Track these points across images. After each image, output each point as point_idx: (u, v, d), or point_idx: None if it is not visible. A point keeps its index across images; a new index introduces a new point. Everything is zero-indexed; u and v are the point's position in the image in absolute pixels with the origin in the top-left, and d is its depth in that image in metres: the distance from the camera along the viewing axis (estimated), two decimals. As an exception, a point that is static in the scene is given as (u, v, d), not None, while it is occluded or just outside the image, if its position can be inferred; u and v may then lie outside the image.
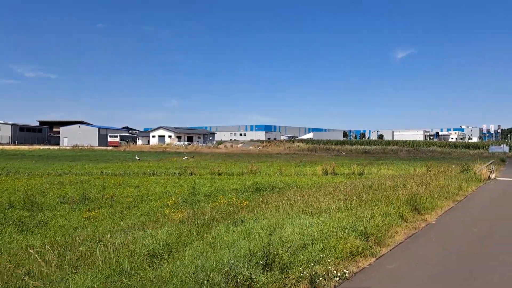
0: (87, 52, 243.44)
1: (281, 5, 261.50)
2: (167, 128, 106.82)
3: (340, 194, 13.65)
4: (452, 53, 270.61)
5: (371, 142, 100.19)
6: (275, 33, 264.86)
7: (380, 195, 13.16)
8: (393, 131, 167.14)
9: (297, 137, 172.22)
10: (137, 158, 49.13)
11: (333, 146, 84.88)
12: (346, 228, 7.28)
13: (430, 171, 28.13)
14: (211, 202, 14.03)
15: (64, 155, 57.28)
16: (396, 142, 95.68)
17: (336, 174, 29.14)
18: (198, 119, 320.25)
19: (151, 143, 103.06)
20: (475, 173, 24.82)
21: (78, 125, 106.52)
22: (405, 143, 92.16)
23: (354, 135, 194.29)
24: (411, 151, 72.17)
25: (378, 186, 16.81)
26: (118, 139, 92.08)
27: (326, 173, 29.11)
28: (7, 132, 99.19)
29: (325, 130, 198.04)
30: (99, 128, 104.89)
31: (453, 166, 30.51)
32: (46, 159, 47.52)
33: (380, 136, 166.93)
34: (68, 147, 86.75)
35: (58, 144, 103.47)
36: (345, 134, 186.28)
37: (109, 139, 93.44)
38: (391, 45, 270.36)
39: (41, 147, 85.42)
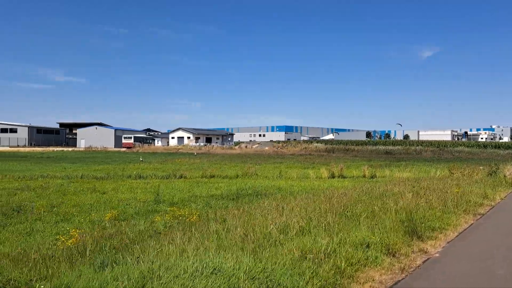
0: (114, 56, 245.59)
1: (302, 3, 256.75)
2: (186, 130, 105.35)
3: (325, 205, 10.57)
4: (480, 51, 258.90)
5: (395, 143, 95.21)
6: (297, 33, 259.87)
7: (376, 207, 10.00)
8: (418, 131, 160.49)
9: (318, 137, 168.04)
10: (141, 159, 47.21)
11: (352, 146, 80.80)
12: (269, 279, 4.26)
13: (452, 173, 24.44)
14: (166, 214, 11.13)
15: (71, 157, 55.81)
16: (421, 143, 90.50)
17: (344, 177, 25.82)
18: (220, 121, 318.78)
19: (170, 144, 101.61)
20: (505, 176, 21.07)
21: (95, 126, 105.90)
22: (430, 143, 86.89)
23: (378, 136, 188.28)
24: (436, 152, 67.49)
25: (381, 194, 13.61)
26: (132, 141, 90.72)
27: (333, 176, 25.84)
28: (24, 134, 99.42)
29: (348, 130, 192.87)
30: (115, 130, 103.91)
31: (481, 167, 26.67)
32: (50, 160, 45.94)
33: (406, 137, 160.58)
34: (82, 149, 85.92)
35: (75, 145, 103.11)
36: (368, 134, 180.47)
37: (123, 141, 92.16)
38: (417, 44, 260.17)
39: (56, 148, 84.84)
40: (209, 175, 24.94)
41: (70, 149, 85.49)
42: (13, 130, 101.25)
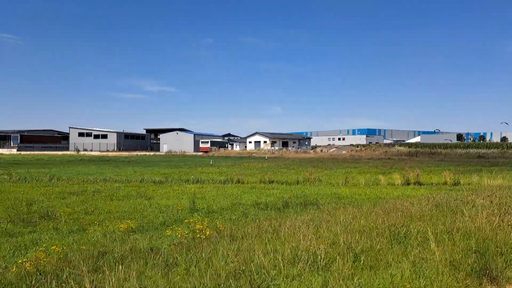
0: (200, 66, 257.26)
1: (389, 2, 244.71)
2: (262, 134, 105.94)
3: (375, 222, 8.42)
4: None
5: (489, 145, 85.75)
6: (383, 31, 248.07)
7: (441, 226, 7.60)
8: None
9: (403, 141, 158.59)
10: (211, 163, 47.47)
11: (439, 150, 74.01)
12: None
13: (558, 181, 20.16)
14: (179, 228, 9.70)
15: (149, 161, 57.86)
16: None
17: (420, 184, 22.60)
18: (299, 125, 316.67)
19: (247, 148, 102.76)
20: None
21: (175, 132, 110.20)
22: (533, 145, 76.75)
23: (472, 138, 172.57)
24: (540, 155, 59.03)
25: (455, 207, 10.92)
26: (208, 145, 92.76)
27: (408, 183, 22.73)
28: (113, 139, 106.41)
29: (437, 132, 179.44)
30: (194, 135, 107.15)
31: None
32: (128, 164, 47.59)
33: (503, 139, 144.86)
34: (163, 153, 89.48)
35: (159, 150, 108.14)
36: (460, 136, 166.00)
37: (200, 145, 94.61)
38: (504, 38, 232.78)
39: (140, 153, 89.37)
40: (267, 181, 23.33)
41: (152, 153, 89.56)
42: (104, 136, 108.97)
